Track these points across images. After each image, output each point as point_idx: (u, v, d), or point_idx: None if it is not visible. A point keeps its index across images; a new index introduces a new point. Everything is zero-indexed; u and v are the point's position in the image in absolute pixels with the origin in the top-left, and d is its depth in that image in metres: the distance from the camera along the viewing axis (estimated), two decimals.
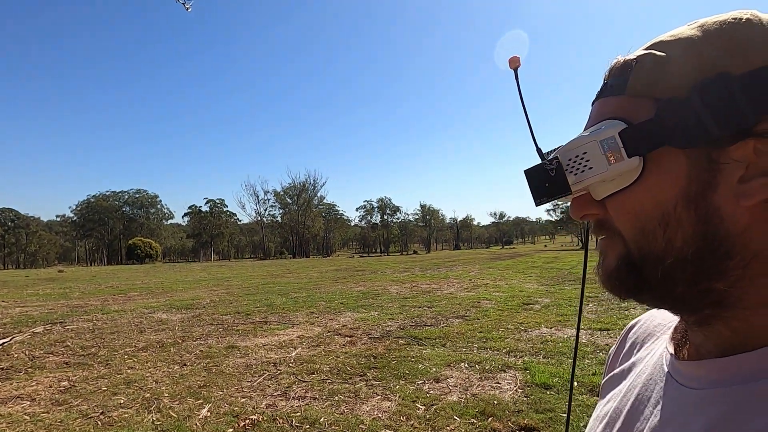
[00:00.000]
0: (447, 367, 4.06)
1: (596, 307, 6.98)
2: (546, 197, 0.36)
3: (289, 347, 5.02)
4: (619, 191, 0.33)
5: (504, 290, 9.42)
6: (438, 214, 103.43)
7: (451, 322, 6.09)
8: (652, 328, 0.46)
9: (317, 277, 14.71)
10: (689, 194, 0.30)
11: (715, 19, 0.32)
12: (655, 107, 0.31)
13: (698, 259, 0.31)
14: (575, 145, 0.34)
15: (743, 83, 0.28)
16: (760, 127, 0.28)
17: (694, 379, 0.33)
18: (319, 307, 7.93)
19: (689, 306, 0.33)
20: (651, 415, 0.36)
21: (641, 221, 0.32)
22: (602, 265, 0.37)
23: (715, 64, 0.30)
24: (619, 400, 0.42)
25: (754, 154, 0.28)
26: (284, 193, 71.70)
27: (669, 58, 0.32)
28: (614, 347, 0.52)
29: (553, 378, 3.57)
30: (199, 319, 6.99)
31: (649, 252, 0.32)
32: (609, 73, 0.36)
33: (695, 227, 0.30)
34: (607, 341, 4.77)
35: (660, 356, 0.40)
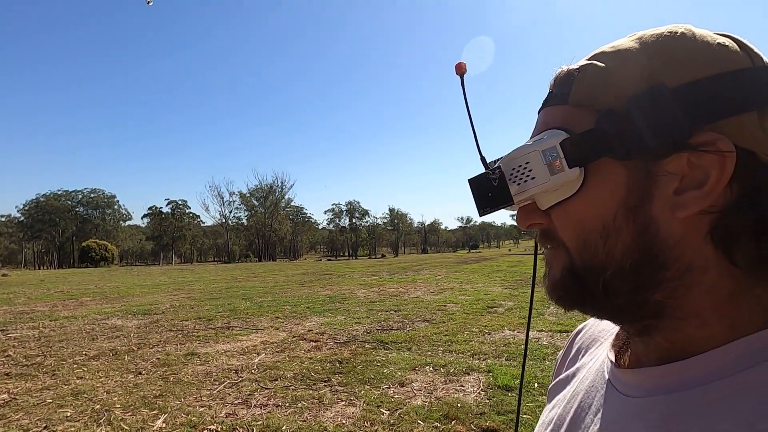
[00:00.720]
0: (412, 370, 4.07)
1: (557, 309, 7.21)
2: (489, 207, 0.36)
3: (252, 353, 4.89)
4: (562, 201, 0.33)
5: (469, 294, 9.58)
6: (406, 218, 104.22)
7: (418, 326, 6.12)
8: (596, 333, 0.47)
9: (283, 281, 14.45)
10: (628, 205, 0.31)
11: (653, 32, 0.32)
12: (596, 118, 0.31)
13: (636, 270, 0.31)
14: (518, 154, 0.34)
15: (678, 96, 0.29)
16: (694, 140, 0.28)
17: (633, 387, 0.34)
18: (284, 311, 7.78)
19: (629, 317, 0.33)
20: (591, 423, 0.36)
21: (584, 232, 0.33)
22: (548, 275, 0.37)
23: (651, 77, 0.30)
24: (563, 407, 0.42)
25: (688, 167, 0.29)
26: (250, 194, 70.10)
27: (608, 69, 0.32)
28: (562, 351, 0.52)
29: (515, 380, 3.64)
30: (157, 325, 6.70)
31: (591, 263, 0.33)
32: (554, 82, 0.36)
33: (633, 238, 0.31)
34: (563, 342, 4.93)
35: (602, 363, 0.41)
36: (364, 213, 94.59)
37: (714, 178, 0.28)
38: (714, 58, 0.30)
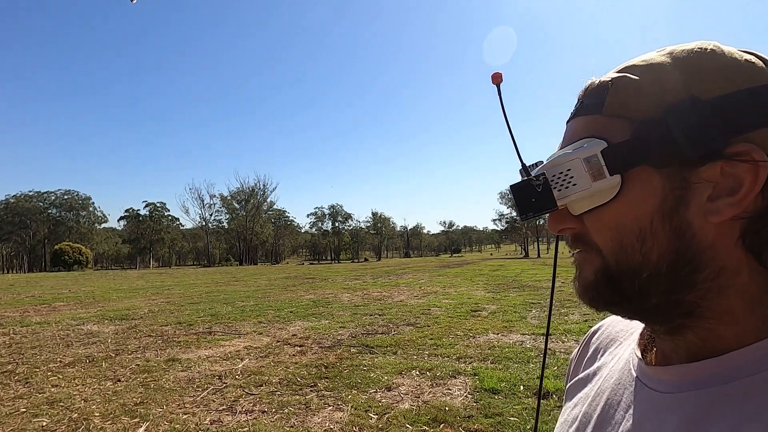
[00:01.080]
0: (398, 375, 4.06)
1: (539, 312, 7.32)
2: (532, 212, 0.37)
3: (236, 359, 4.81)
4: (597, 207, 0.35)
5: (453, 297, 9.64)
6: (389, 222, 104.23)
7: (402, 330, 6.13)
8: (614, 334, 0.49)
9: (266, 285, 14.27)
10: (664, 211, 0.32)
11: (683, 48, 0.34)
12: (631, 128, 0.33)
13: (672, 273, 0.33)
14: (560, 161, 0.35)
15: (712, 108, 0.31)
16: (728, 150, 0.30)
17: (665, 384, 0.35)
18: (267, 316, 7.68)
19: (662, 316, 0.35)
20: (623, 419, 0.38)
21: (620, 236, 0.34)
22: (579, 278, 0.38)
23: (686, 90, 0.32)
24: (588, 404, 0.43)
25: (721, 176, 0.31)
26: (232, 197, 68.97)
27: (642, 82, 0.34)
28: (577, 352, 0.54)
29: (501, 383, 3.68)
30: (136, 331, 6.52)
31: (626, 266, 0.34)
32: (584, 92, 0.38)
33: (669, 242, 0.32)
34: (550, 345, 5.01)
35: (627, 361, 0.42)
36: (347, 217, 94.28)
37: (747, 186, 0.30)
38: (743, 73, 0.32)
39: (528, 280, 13.34)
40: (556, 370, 4.04)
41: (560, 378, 3.78)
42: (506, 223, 73.63)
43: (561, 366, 4.16)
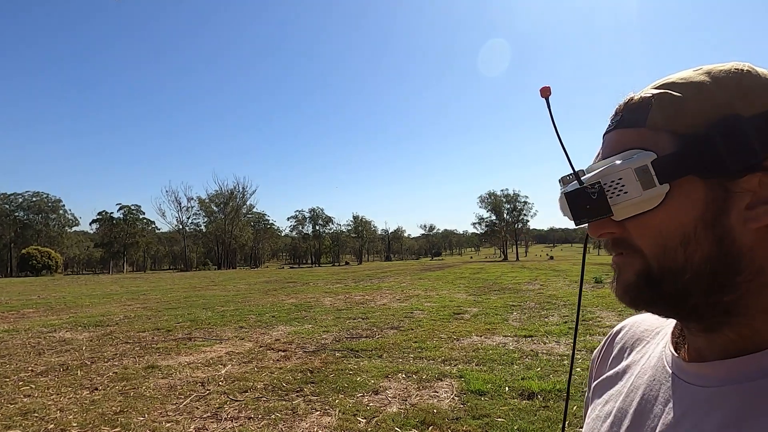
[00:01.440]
0: (385, 378, 4.06)
1: (519, 315, 7.44)
2: (587, 217, 0.39)
3: (218, 365, 4.72)
4: (643, 213, 0.37)
5: (435, 300, 9.70)
6: (370, 226, 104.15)
7: (386, 333, 6.13)
8: (639, 333, 0.51)
9: (246, 290, 14.03)
10: (706, 218, 0.35)
11: (720, 68, 0.37)
12: (676, 140, 0.36)
13: (713, 275, 0.35)
14: (612, 171, 0.37)
15: (753, 124, 0.34)
16: (766, 163, 0.33)
17: (705, 378, 0.38)
18: (249, 320, 7.56)
19: (700, 315, 0.37)
20: (662, 413, 0.40)
21: (664, 240, 0.37)
22: (619, 279, 0.41)
23: (729, 107, 0.35)
24: (622, 400, 0.45)
25: (759, 186, 0.34)
26: (210, 200, 67.53)
27: (685, 99, 0.36)
28: (599, 352, 0.56)
29: (486, 384, 3.73)
30: (112, 338, 6.32)
31: (669, 268, 0.37)
32: (624, 106, 0.40)
33: (712, 246, 0.35)
34: (532, 347, 5.10)
35: (659, 358, 0.44)
36: (328, 220, 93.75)
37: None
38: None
39: (508, 282, 13.53)
40: (540, 371, 4.12)
41: (544, 379, 3.86)
42: (486, 226, 74.50)
43: (544, 367, 4.24)
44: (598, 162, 0.40)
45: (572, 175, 0.42)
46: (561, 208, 0.43)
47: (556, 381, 3.75)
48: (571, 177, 0.42)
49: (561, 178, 0.44)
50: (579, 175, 0.40)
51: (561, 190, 0.43)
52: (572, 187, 0.40)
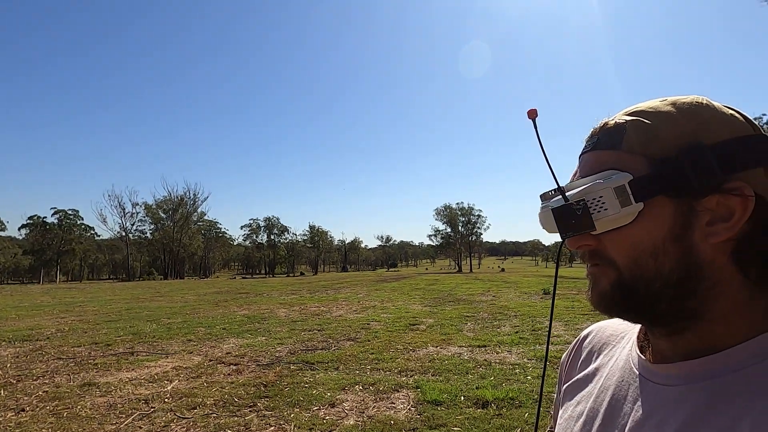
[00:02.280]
0: (341, 390, 4.01)
1: (473, 325, 7.62)
2: (572, 232, 0.43)
3: (164, 380, 4.45)
4: (618, 228, 0.41)
5: (391, 311, 9.72)
6: (327, 236, 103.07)
7: (343, 345, 6.06)
8: (606, 338, 0.55)
9: (194, 301, 13.39)
10: (674, 233, 0.40)
11: (684, 100, 0.42)
12: (649, 163, 0.40)
13: (679, 284, 0.40)
14: (594, 189, 0.41)
15: (713, 152, 0.39)
16: (725, 186, 0.38)
17: (670, 378, 0.42)
18: (197, 333, 7.21)
19: (666, 320, 0.42)
20: (632, 411, 0.43)
21: (636, 252, 0.41)
22: (594, 288, 0.45)
23: (693, 135, 0.40)
24: (593, 401, 0.49)
25: (717, 206, 0.39)
26: (157, 206, 64.11)
27: (655, 126, 0.41)
28: (568, 355, 0.60)
29: (442, 394, 3.77)
30: (42, 353, 5.80)
31: (640, 278, 0.41)
32: (600, 130, 0.44)
33: (678, 258, 0.40)
34: (485, 356, 5.23)
35: (626, 361, 0.48)
36: (284, 229, 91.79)
37: (738, 215, 0.38)
38: (732, 124, 0.40)
39: (462, 294, 13.82)
40: (493, 380, 4.22)
41: (498, 387, 3.96)
42: (441, 238, 75.93)
43: (497, 376, 4.36)
44: (578, 180, 0.44)
45: (555, 191, 0.45)
46: (543, 222, 0.47)
47: (509, 389, 3.87)
48: (552, 193, 0.46)
49: (542, 194, 0.48)
50: (564, 192, 0.44)
51: (543, 206, 0.47)
52: (558, 203, 0.44)
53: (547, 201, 0.46)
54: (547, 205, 0.45)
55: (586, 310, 8.91)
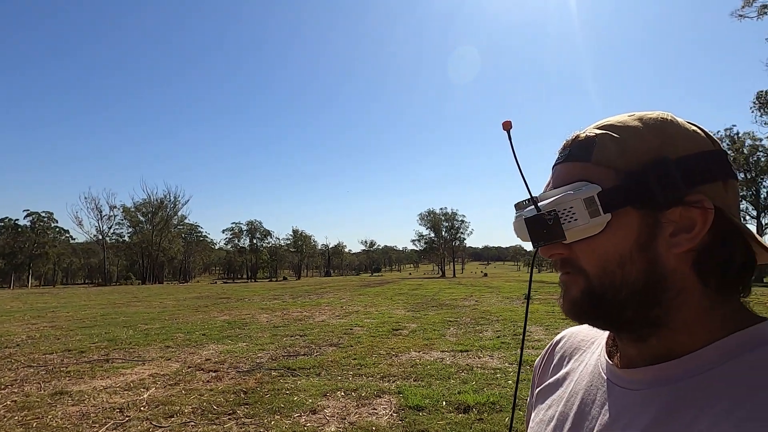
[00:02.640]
0: (323, 396, 3.97)
1: (456, 330, 7.65)
2: (543, 241, 0.44)
3: (140, 388, 4.34)
4: (588, 237, 0.42)
5: (374, 317, 9.70)
6: (310, 240, 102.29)
7: (325, 350, 6.02)
8: (577, 343, 0.57)
9: (173, 306, 13.10)
10: (640, 243, 0.41)
11: (650, 115, 0.44)
12: (617, 176, 0.42)
13: (645, 291, 0.41)
14: (564, 200, 0.42)
15: (677, 166, 0.40)
16: (687, 198, 0.40)
17: (635, 382, 0.43)
18: (176, 339, 7.06)
19: (633, 327, 0.43)
20: (600, 415, 0.45)
21: (604, 262, 0.42)
22: (565, 296, 0.46)
23: (658, 150, 0.41)
24: (563, 404, 0.50)
25: (680, 218, 0.40)
26: (136, 209, 62.59)
27: (623, 140, 0.43)
28: (540, 360, 0.61)
29: (424, 399, 3.77)
30: (11, 361, 5.59)
31: (609, 286, 0.42)
32: (572, 142, 0.46)
33: (644, 267, 0.41)
34: (468, 361, 5.26)
35: (595, 366, 0.50)
36: (266, 233, 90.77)
37: (699, 226, 0.40)
38: (694, 140, 0.42)
39: (445, 298, 13.89)
40: (475, 385, 4.25)
41: (479, 392, 3.98)
42: (425, 243, 76.25)
43: (479, 381, 4.38)
44: (551, 191, 0.45)
45: (528, 201, 0.47)
46: (517, 231, 0.48)
47: (490, 394, 3.90)
48: (526, 203, 0.47)
49: (516, 204, 0.49)
50: (537, 202, 0.45)
51: (517, 215, 0.48)
52: (531, 213, 0.45)
53: (521, 210, 0.47)
54: (521, 214, 0.47)
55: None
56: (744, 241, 0.42)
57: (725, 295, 0.41)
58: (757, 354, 0.37)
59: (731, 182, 0.42)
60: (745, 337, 0.39)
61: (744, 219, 3.51)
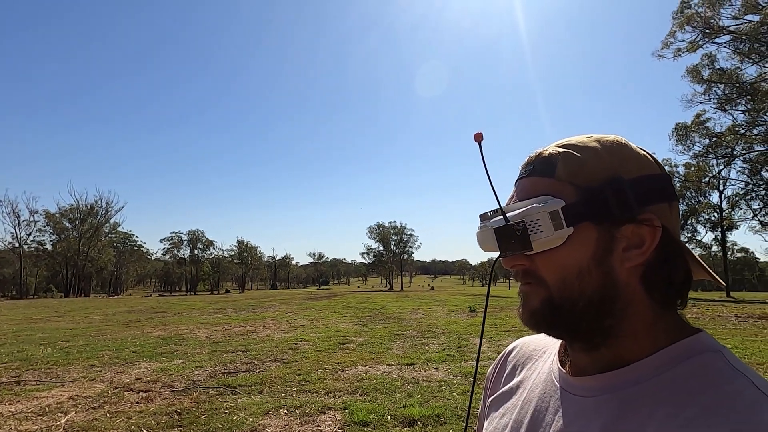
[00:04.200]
0: (265, 415, 3.81)
1: (403, 343, 7.68)
2: (511, 251, 0.46)
3: (57, 412, 3.92)
4: (549, 249, 0.44)
5: (321, 330, 9.51)
6: (256, 252, 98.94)
7: (269, 366, 5.80)
8: (529, 353, 0.59)
9: (101, 321, 12.06)
10: (597, 256, 0.44)
11: (606, 138, 0.47)
12: (578, 192, 0.44)
13: (599, 303, 0.44)
14: (531, 212, 0.44)
15: (630, 186, 0.44)
16: (639, 216, 0.43)
17: (587, 390, 0.45)
18: (102, 358, 6.49)
19: (586, 336, 0.45)
20: (553, 421, 0.46)
21: (564, 273, 0.44)
22: (525, 306, 0.47)
23: (614, 170, 0.44)
24: (517, 412, 0.51)
25: (631, 234, 0.44)
26: (62, 215, 57.41)
27: (584, 159, 0.45)
28: (493, 370, 0.62)
29: (369, 414, 3.73)
30: None
31: (567, 297, 0.44)
32: (536, 158, 0.48)
33: (599, 280, 0.44)
34: (413, 374, 5.28)
35: (548, 374, 0.52)
36: (209, 244, 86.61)
37: (648, 243, 0.43)
38: (645, 163, 0.46)
39: (393, 312, 13.93)
40: (420, 398, 4.27)
41: (424, 405, 4.01)
42: (374, 256, 76.35)
43: (424, 394, 4.41)
44: (516, 203, 0.47)
45: (494, 212, 0.48)
46: (481, 241, 0.49)
47: (435, 406, 3.93)
48: (491, 214, 0.49)
49: (481, 214, 0.50)
50: (505, 213, 0.46)
51: (481, 225, 0.49)
52: (499, 223, 0.46)
53: (487, 221, 0.49)
54: (487, 225, 0.48)
55: (508, 327, 9.41)
56: (684, 258, 0.45)
57: (667, 308, 0.45)
58: (695, 361, 0.41)
59: (675, 204, 0.46)
60: (684, 346, 0.42)
61: None
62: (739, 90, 20.71)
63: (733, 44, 19.83)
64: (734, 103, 21.16)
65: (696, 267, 0.47)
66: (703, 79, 21.61)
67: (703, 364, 0.41)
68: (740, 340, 7.59)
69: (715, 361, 0.41)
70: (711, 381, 0.39)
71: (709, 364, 0.40)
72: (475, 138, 0.49)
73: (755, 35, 18.37)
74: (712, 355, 0.41)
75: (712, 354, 0.41)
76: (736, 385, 0.38)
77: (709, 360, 0.41)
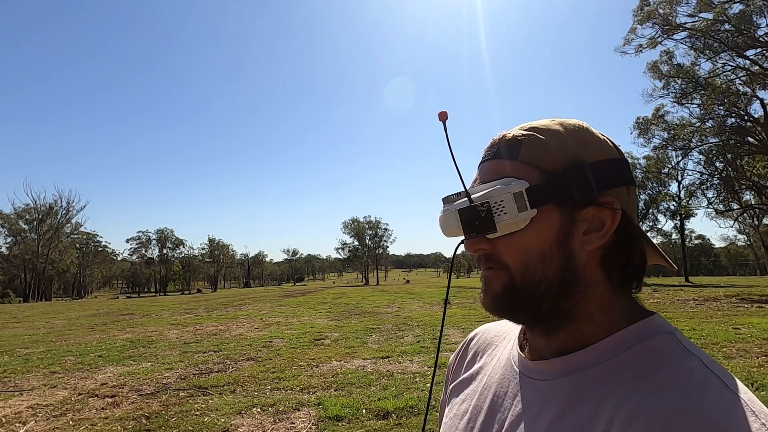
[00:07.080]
0: (237, 415, 3.75)
1: (378, 337, 7.71)
2: (475, 233, 0.45)
3: (15, 423, 3.74)
4: (511, 233, 0.44)
5: (296, 327, 9.43)
6: (228, 250, 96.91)
7: (242, 365, 5.71)
8: (490, 339, 0.59)
9: (64, 326, 11.55)
10: (559, 239, 0.44)
11: (569, 122, 0.47)
12: (541, 174, 0.44)
13: (560, 286, 0.44)
14: (495, 193, 0.44)
15: (591, 169, 0.44)
16: (599, 200, 0.44)
17: (544, 373, 0.46)
18: (65, 364, 6.22)
19: (546, 319, 0.45)
20: (512, 406, 0.47)
21: (526, 257, 0.44)
22: (487, 290, 0.47)
23: (576, 154, 0.45)
24: (477, 398, 0.52)
25: (592, 217, 0.44)
26: (18, 216, 54.41)
27: (547, 142, 0.45)
28: (455, 357, 0.62)
29: (344, 409, 3.73)
30: None
31: (529, 281, 0.44)
32: (499, 141, 0.48)
33: (560, 263, 0.44)
34: (388, 367, 5.32)
35: (507, 359, 0.52)
36: (179, 243, 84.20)
37: (608, 226, 0.43)
38: (605, 148, 0.46)
39: (368, 306, 13.95)
40: (395, 390, 4.30)
41: (398, 397, 4.04)
42: (349, 251, 76.17)
43: (398, 386, 4.45)
44: (479, 186, 0.47)
45: (456, 195, 0.48)
46: (444, 224, 0.48)
47: (409, 398, 3.97)
48: (454, 197, 0.48)
49: (444, 198, 0.50)
50: (469, 193, 0.46)
51: (444, 209, 0.48)
52: (463, 204, 0.45)
53: (450, 204, 0.48)
54: (450, 207, 0.47)
55: (481, 317, 9.59)
56: (640, 242, 0.46)
57: (623, 291, 0.46)
58: (648, 343, 0.42)
59: (632, 188, 0.47)
60: (638, 328, 0.43)
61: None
62: (694, 85, 21.67)
63: (689, 40, 20.73)
64: (690, 97, 22.13)
65: (651, 251, 0.48)
66: (663, 75, 22.49)
67: (655, 345, 0.41)
68: (697, 322, 8.02)
69: (666, 342, 0.42)
70: (663, 361, 0.40)
71: (662, 345, 0.41)
72: (440, 117, 0.48)
73: (708, 32, 19.25)
74: (664, 336, 0.42)
75: (664, 336, 0.42)
76: (687, 365, 0.39)
77: (662, 342, 0.42)
